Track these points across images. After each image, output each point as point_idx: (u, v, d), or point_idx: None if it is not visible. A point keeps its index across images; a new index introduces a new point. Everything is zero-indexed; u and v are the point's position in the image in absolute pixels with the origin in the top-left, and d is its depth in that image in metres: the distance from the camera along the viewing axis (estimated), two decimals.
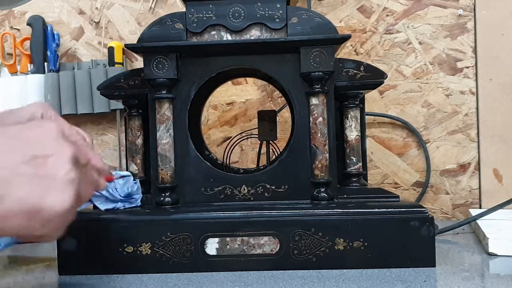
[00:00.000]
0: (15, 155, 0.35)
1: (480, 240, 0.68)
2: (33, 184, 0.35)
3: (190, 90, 0.64)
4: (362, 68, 0.63)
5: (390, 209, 0.57)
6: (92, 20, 1.02)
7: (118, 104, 0.94)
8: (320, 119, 0.62)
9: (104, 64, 0.98)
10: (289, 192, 0.62)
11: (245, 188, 0.63)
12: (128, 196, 0.62)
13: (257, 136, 0.75)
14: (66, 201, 0.37)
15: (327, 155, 0.62)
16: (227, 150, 0.78)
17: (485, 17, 0.90)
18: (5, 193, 0.33)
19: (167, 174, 0.63)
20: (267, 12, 0.63)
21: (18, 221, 0.34)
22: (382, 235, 0.56)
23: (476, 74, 0.91)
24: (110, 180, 0.55)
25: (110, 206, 0.61)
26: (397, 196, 0.62)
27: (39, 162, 0.36)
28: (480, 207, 0.90)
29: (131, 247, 0.58)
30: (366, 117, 0.79)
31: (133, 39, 0.98)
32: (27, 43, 1.00)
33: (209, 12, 0.63)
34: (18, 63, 1.01)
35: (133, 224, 0.58)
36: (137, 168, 0.66)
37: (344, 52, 0.93)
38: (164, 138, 0.63)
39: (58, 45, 1.01)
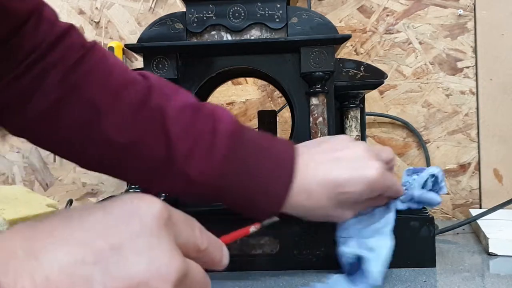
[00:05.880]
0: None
1: (480, 240, 0.68)
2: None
3: (190, 90, 0.64)
4: (362, 68, 0.63)
5: None
6: (92, 20, 1.02)
7: None
8: (320, 119, 0.62)
9: None
10: None
11: None
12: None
13: None
14: None
15: None
16: None
17: (485, 17, 0.90)
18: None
19: None
20: (267, 12, 0.63)
21: None
22: None
23: (476, 74, 0.91)
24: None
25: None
26: None
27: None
28: (480, 207, 0.90)
29: None
30: (366, 117, 0.79)
31: (133, 39, 0.98)
32: None
33: (209, 12, 0.63)
34: None
35: None
36: None
37: (344, 52, 0.93)
38: None
39: None
